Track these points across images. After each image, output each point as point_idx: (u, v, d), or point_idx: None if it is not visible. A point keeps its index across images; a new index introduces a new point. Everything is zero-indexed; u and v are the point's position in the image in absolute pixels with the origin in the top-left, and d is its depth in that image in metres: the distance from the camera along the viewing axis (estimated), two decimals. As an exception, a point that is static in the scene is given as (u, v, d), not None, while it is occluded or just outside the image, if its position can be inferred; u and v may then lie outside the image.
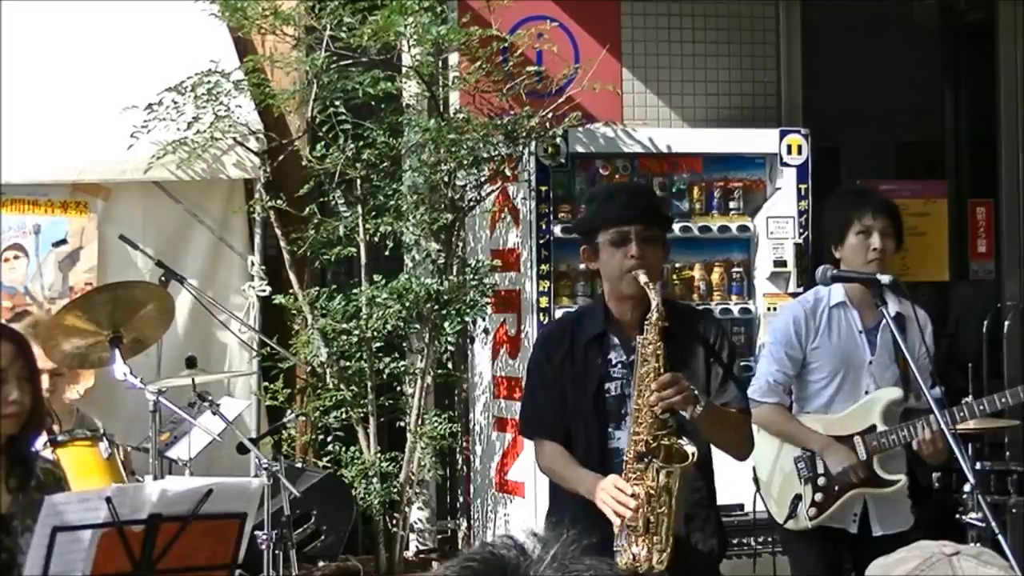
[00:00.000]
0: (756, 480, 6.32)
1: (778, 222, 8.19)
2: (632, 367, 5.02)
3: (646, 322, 4.91)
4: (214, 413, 6.81)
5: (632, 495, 4.81)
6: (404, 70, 8.19)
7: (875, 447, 6.00)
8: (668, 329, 4.93)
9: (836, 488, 6.06)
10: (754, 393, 6.14)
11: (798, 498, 6.09)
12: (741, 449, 5.30)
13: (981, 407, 5.98)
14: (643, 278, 4.90)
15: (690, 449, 4.84)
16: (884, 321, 5.95)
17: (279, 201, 8.18)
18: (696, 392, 4.86)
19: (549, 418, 5.20)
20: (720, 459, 5.27)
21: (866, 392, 6.07)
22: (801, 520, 6.12)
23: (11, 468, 4.59)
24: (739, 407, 5.19)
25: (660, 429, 4.86)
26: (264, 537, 6.53)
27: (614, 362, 5.11)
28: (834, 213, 6.18)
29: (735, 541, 7.88)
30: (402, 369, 8.19)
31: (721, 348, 5.20)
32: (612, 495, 4.85)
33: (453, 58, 8.37)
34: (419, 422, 8.08)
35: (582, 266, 5.33)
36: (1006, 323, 9.26)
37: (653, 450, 4.85)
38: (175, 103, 7.94)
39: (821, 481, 6.07)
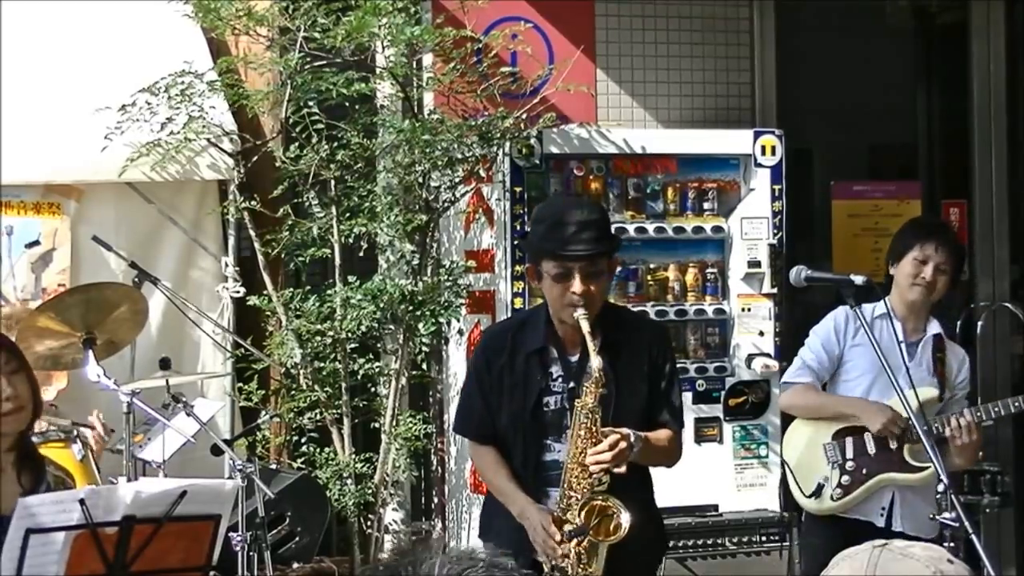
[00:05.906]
0: (784, 463, 6.47)
1: (752, 223, 8.20)
2: (571, 377, 5.07)
3: (585, 382, 4.91)
4: (188, 414, 6.80)
5: (562, 551, 4.86)
6: (378, 71, 8.17)
7: (906, 437, 6.11)
8: (612, 342, 4.96)
9: (864, 471, 6.19)
10: (788, 375, 6.42)
11: (825, 480, 6.23)
12: (668, 464, 5.33)
13: (996, 409, 6.11)
14: (585, 326, 4.87)
15: (624, 518, 4.85)
16: (926, 338, 6.12)
17: (253, 202, 8.16)
18: (631, 444, 4.88)
19: (484, 423, 5.29)
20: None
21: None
22: (825, 501, 6.26)
23: (23, 465, 4.58)
24: (672, 427, 5.21)
25: (595, 487, 4.91)
26: (238, 538, 6.52)
27: (554, 376, 5.13)
28: (903, 235, 6.37)
29: (710, 542, 7.93)
30: (376, 370, 8.18)
31: (664, 363, 5.22)
32: (543, 539, 4.91)
33: (427, 59, 8.36)
34: (393, 423, 8.07)
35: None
36: (979, 323, 9.30)
37: (585, 507, 4.88)
38: (148, 104, 7.90)
39: (849, 465, 6.23)
